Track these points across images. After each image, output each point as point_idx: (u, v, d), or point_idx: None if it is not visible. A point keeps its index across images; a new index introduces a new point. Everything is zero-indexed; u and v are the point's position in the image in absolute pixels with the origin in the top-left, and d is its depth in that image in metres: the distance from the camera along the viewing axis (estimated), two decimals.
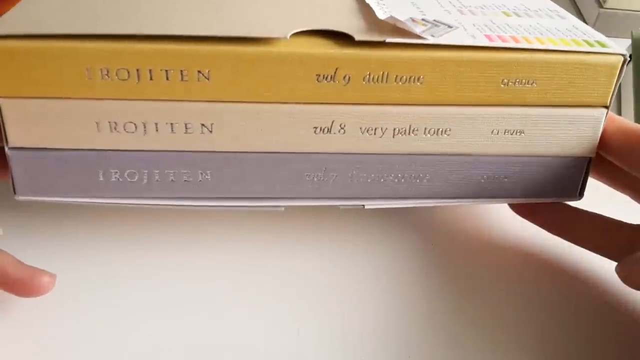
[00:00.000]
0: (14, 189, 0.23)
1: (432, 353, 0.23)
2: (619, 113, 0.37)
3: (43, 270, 0.23)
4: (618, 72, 0.23)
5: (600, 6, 0.42)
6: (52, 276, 0.23)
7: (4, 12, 0.30)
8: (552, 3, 0.28)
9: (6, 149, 0.22)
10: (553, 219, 0.27)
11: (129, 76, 0.21)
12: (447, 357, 0.23)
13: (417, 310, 0.25)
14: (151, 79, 0.21)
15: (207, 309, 0.24)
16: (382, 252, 0.27)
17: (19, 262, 0.23)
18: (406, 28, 0.22)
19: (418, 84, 0.22)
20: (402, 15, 0.23)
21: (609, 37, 0.24)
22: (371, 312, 0.24)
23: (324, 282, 0.26)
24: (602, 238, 0.25)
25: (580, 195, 0.26)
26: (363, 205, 0.25)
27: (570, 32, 0.24)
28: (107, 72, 0.21)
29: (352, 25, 0.22)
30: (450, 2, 0.27)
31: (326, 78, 0.22)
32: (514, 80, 0.23)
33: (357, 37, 0.21)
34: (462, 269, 0.27)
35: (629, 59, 0.23)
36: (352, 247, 0.27)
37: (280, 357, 0.23)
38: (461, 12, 0.25)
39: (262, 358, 0.22)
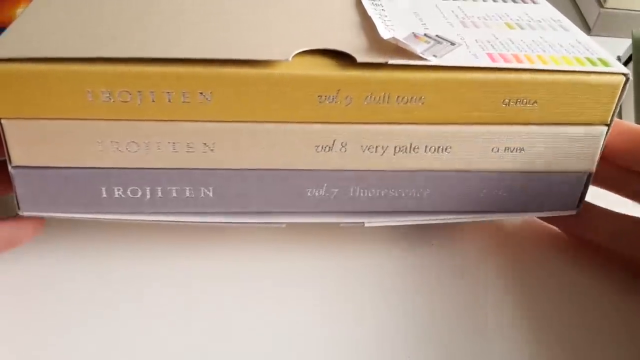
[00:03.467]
0: (17, 205, 0.23)
1: (432, 353, 0.23)
2: (620, 114, 0.37)
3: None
4: (620, 91, 0.23)
5: (601, 6, 0.41)
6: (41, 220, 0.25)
7: (3, 14, 0.29)
8: (555, 11, 0.28)
9: (9, 167, 0.22)
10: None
11: (131, 98, 0.21)
12: (448, 357, 0.23)
13: (417, 310, 0.25)
14: (153, 100, 0.21)
15: (207, 319, 0.24)
16: (382, 252, 0.28)
17: (6, 219, 0.24)
18: (408, 49, 0.22)
19: (419, 104, 0.22)
20: (404, 29, 0.23)
21: (609, 36, 0.24)
22: (370, 312, 0.25)
23: (324, 282, 0.26)
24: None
25: (578, 207, 0.26)
26: (363, 223, 0.25)
27: (573, 49, 0.24)
28: (109, 94, 0.21)
29: (354, 44, 0.22)
30: (453, 12, 0.27)
31: (328, 99, 0.22)
32: (515, 100, 0.23)
33: (359, 59, 0.21)
34: (462, 269, 0.27)
35: (630, 77, 0.23)
36: (352, 248, 0.28)
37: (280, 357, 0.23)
38: (464, 25, 0.25)
39: None
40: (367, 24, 0.24)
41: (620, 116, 0.37)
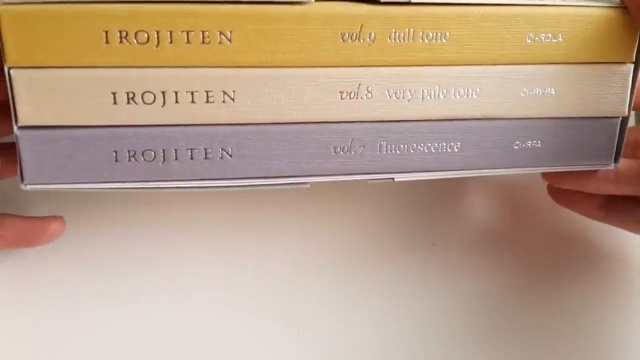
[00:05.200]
0: (21, 176, 0.22)
1: (431, 353, 0.23)
2: None
3: (50, 217, 0.24)
4: None
5: None
6: (61, 222, 0.24)
7: None
8: None
9: (15, 128, 0.21)
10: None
11: (148, 39, 0.20)
12: (447, 357, 0.22)
13: (417, 310, 0.24)
14: (171, 42, 0.20)
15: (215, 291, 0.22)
16: (381, 252, 0.27)
17: (24, 217, 0.24)
18: None
19: (444, 40, 0.22)
20: None
21: None
22: (370, 312, 0.24)
23: (325, 282, 0.25)
24: None
25: (615, 160, 0.25)
26: (392, 179, 0.24)
27: None
28: (126, 34, 0.20)
29: None
30: None
31: (351, 37, 0.21)
32: (540, 36, 0.22)
33: None
34: (461, 269, 0.26)
35: None
36: (349, 249, 0.27)
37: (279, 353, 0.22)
38: None
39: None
40: None
41: None
